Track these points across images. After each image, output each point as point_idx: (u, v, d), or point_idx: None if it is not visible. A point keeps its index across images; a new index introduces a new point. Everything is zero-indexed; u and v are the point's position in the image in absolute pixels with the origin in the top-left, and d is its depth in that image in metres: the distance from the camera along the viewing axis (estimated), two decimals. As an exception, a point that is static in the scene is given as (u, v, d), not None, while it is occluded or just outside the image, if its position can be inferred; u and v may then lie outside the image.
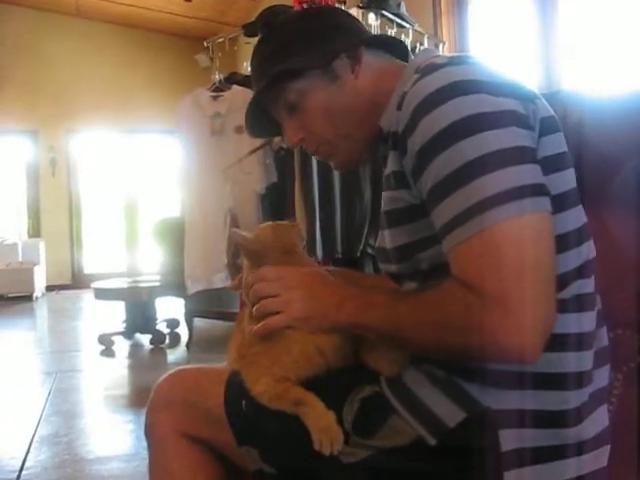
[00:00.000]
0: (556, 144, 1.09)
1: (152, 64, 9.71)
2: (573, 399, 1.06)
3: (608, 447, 1.12)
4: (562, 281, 1.02)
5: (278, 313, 1.15)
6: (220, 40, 4.34)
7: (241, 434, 1.20)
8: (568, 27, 3.47)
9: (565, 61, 3.60)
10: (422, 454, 1.07)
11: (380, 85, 1.22)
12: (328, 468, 1.11)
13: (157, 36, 9.69)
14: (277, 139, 3.39)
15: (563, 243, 1.03)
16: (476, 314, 0.95)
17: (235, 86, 4.10)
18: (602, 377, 1.14)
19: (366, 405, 1.12)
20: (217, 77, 4.18)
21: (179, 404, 1.28)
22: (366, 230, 3.60)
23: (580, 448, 1.07)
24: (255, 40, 1.31)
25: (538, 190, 0.97)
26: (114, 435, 3.35)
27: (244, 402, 1.19)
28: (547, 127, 1.07)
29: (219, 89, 4.13)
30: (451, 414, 1.05)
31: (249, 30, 4.25)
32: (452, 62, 1.07)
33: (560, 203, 1.03)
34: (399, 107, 1.09)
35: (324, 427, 1.10)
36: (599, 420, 1.11)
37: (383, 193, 1.20)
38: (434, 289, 1.02)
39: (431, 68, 1.06)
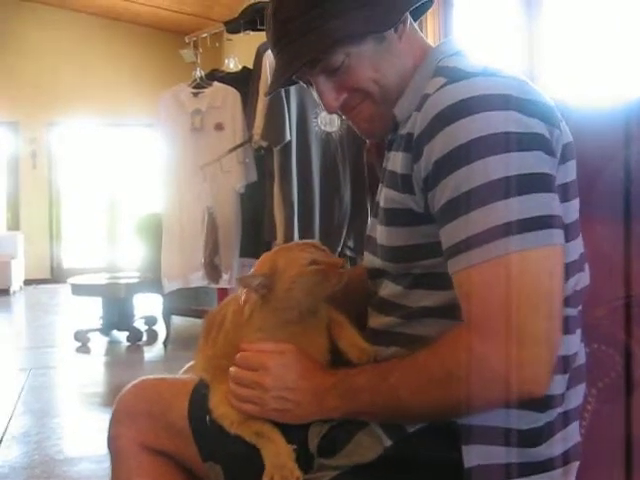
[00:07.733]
0: (570, 172, 1.06)
1: (136, 58, 9.60)
2: (542, 418, 1.04)
3: (577, 464, 1.10)
4: None
5: None
6: (203, 36, 4.29)
7: (205, 449, 1.17)
8: (553, 31, 3.46)
9: (549, 64, 3.59)
10: (388, 469, 1.05)
11: (414, 55, 1.14)
12: None
13: (142, 30, 9.58)
14: (256, 138, 3.35)
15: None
16: (481, 354, 0.92)
17: (216, 83, 4.04)
18: (576, 396, 1.11)
19: (333, 427, 1.09)
20: (198, 73, 4.12)
21: (142, 416, 1.24)
22: (344, 232, 3.58)
23: (546, 465, 1.04)
24: (237, 37, 1.24)
25: (556, 222, 0.94)
26: (86, 435, 3.29)
27: (208, 417, 1.16)
28: (566, 154, 1.03)
29: (200, 85, 4.07)
30: None
31: (231, 27, 4.24)
32: (484, 72, 1.02)
33: (565, 234, 0.98)
34: (418, 108, 1.02)
35: (279, 464, 1.07)
36: (569, 437, 1.09)
37: (383, 188, 1.14)
38: (430, 346, 0.98)
39: (460, 74, 1.01)
